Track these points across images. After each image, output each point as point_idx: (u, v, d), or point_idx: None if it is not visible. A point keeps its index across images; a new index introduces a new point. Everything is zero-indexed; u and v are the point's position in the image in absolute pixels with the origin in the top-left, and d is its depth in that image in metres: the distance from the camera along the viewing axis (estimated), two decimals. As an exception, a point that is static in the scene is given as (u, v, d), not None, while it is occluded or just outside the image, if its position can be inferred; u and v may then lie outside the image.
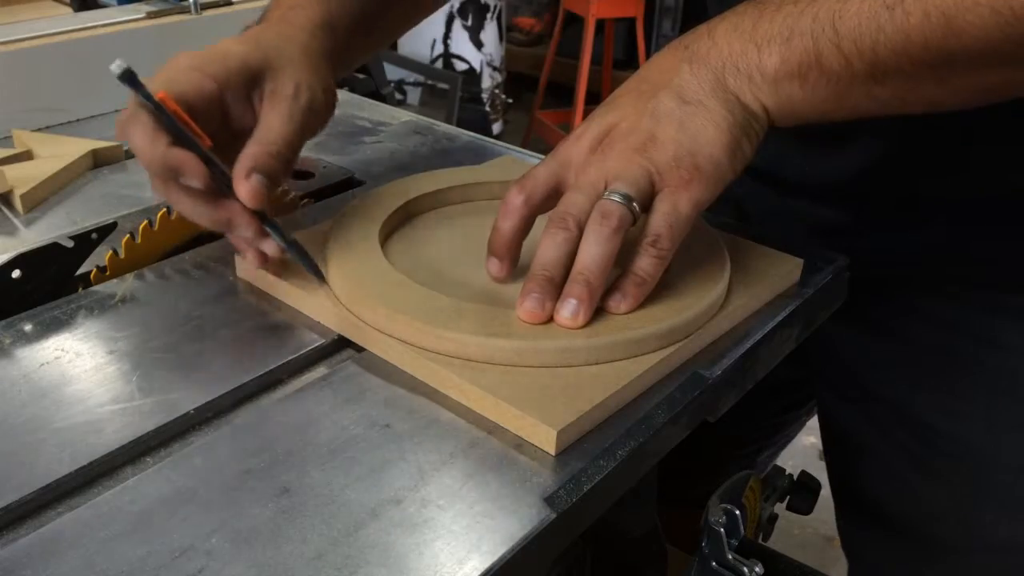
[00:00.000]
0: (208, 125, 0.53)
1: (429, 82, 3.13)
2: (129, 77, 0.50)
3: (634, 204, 0.51)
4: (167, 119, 0.51)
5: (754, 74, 0.51)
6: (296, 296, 0.56)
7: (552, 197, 0.54)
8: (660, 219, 0.51)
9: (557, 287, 0.51)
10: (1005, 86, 0.49)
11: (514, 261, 0.55)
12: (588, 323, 0.51)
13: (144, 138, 0.51)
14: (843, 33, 0.48)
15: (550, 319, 0.51)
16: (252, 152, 0.53)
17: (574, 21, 3.10)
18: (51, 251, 0.59)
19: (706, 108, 0.51)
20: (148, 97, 0.50)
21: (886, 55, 0.47)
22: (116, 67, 0.50)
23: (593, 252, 0.50)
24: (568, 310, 0.50)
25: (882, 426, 0.76)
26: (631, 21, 3.06)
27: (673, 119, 0.51)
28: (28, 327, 0.54)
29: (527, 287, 0.51)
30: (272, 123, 0.54)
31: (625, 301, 0.52)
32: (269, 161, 0.53)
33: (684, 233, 0.52)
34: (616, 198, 0.50)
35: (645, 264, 0.51)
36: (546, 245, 0.51)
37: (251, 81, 0.55)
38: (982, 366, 0.70)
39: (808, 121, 0.53)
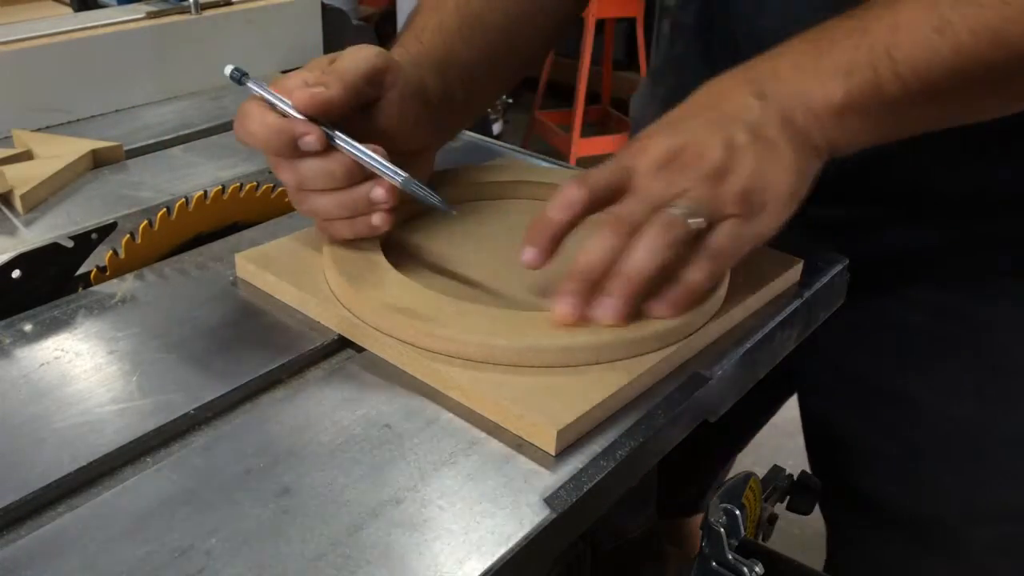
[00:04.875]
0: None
1: (429, 82, 3.12)
2: (238, 77, 0.58)
3: (695, 224, 0.50)
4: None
5: (821, 112, 0.51)
6: (296, 296, 0.56)
7: (609, 201, 0.52)
8: (724, 237, 0.50)
9: (595, 292, 0.50)
10: None
11: (554, 254, 0.53)
12: (587, 323, 0.51)
13: (257, 118, 0.53)
14: (899, 60, 0.50)
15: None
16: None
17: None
18: (51, 251, 0.59)
19: (777, 148, 0.51)
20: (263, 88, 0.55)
21: (941, 75, 0.50)
22: (227, 70, 0.58)
23: (644, 257, 0.49)
24: (607, 308, 0.50)
25: (869, 410, 0.77)
26: (631, 21, 3.06)
27: (747, 154, 0.51)
28: (28, 327, 0.55)
29: (567, 287, 0.50)
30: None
31: (670, 308, 0.51)
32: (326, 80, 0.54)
33: (737, 260, 0.52)
34: (679, 212, 0.49)
35: (699, 275, 0.50)
36: (595, 247, 0.50)
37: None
38: (970, 343, 0.71)
39: (860, 148, 0.54)
